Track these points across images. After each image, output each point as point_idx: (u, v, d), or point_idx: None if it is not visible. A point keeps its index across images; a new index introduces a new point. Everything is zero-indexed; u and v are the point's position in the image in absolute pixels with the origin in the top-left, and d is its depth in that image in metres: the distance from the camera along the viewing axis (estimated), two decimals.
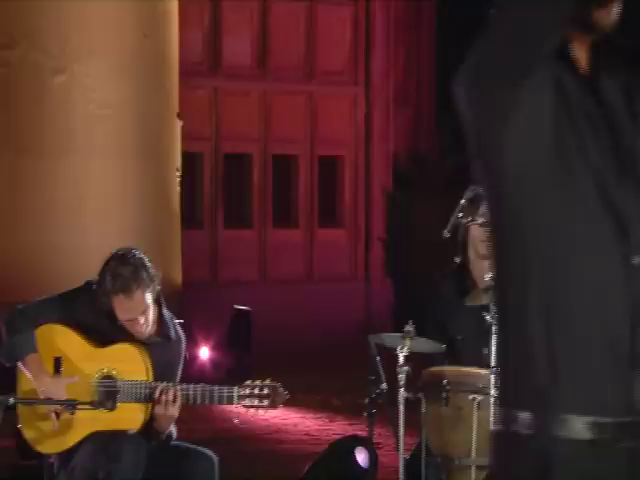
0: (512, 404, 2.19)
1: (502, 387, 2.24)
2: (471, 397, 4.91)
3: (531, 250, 2.15)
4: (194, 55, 14.37)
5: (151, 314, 4.62)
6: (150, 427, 4.64)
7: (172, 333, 4.78)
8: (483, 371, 4.89)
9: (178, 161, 12.79)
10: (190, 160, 13.84)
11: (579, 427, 2.13)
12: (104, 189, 11.69)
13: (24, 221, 11.19)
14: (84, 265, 11.39)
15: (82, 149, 11.41)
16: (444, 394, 5.05)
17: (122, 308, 4.56)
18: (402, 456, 5.23)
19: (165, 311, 4.77)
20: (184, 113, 12.83)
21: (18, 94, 11.39)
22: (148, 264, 4.62)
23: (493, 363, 4.63)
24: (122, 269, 4.52)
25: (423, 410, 5.13)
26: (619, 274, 2.15)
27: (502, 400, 2.23)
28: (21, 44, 11.41)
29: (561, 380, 2.14)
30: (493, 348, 4.59)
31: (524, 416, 2.16)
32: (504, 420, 2.21)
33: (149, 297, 4.59)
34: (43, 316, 4.68)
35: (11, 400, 4.08)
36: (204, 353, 11.37)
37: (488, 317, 4.65)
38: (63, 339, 4.71)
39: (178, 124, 12.76)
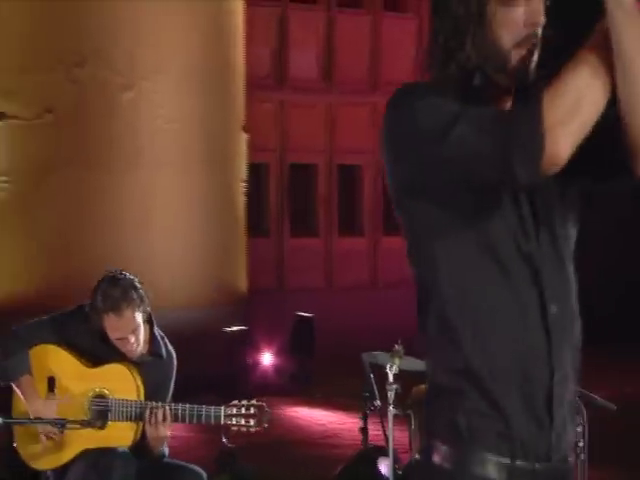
0: (434, 435, 2.20)
1: (427, 418, 2.25)
2: None
3: (447, 296, 2.15)
4: (261, 69, 14.66)
5: (142, 333, 4.69)
6: (142, 445, 4.69)
7: (163, 351, 4.83)
8: None
9: (243, 172, 13.07)
10: (257, 171, 14.14)
11: (495, 468, 2.14)
12: (171, 202, 12.03)
13: (93, 234, 11.54)
14: (152, 275, 11.79)
15: (149, 163, 11.75)
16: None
17: (113, 327, 4.63)
18: (392, 469, 5.27)
19: (156, 330, 4.84)
20: (251, 126, 13.14)
21: (87, 111, 11.76)
22: (138, 285, 4.71)
23: None
24: (112, 289, 4.61)
25: (412, 427, 5.18)
26: (536, 323, 2.14)
27: (426, 430, 2.24)
28: (91, 62, 11.80)
29: (481, 421, 2.14)
30: None
31: (444, 449, 2.17)
32: (426, 450, 2.22)
33: (139, 316, 4.66)
34: (37, 337, 4.75)
35: (0, 420, 4.10)
36: (267, 359, 11.60)
37: None
38: (57, 360, 4.76)
39: (244, 136, 13.10)
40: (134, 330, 4.63)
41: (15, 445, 4.76)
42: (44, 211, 11.43)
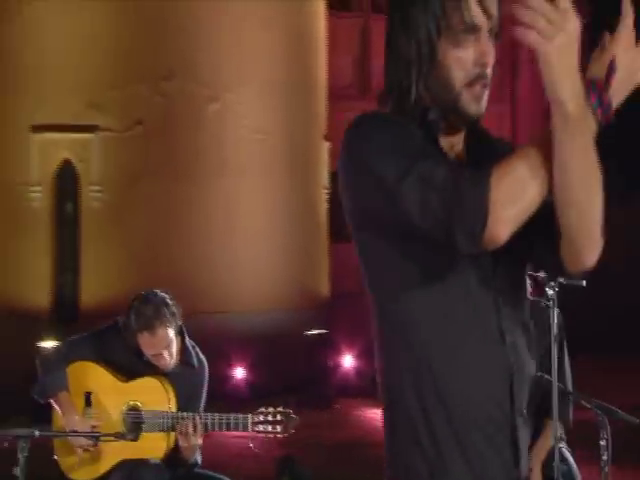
0: (401, 475, 2.20)
1: (389, 457, 2.23)
2: None
3: (408, 330, 2.13)
4: (344, 79, 14.98)
5: (174, 347, 4.82)
6: (176, 455, 4.80)
7: (194, 361, 4.95)
8: None
9: (325, 179, 13.40)
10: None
11: None
12: (255, 210, 12.39)
13: (179, 242, 11.97)
14: (237, 281, 12.28)
15: (233, 173, 12.12)
16: None
17: (147, 344, 4.77)
18: None
19: (187, 340, 4.97)
20: (335, 135, 13.49)
21: (175, 122, 12.19)
22: (170, 301, 4.84)
23: None
24: (145, 308, 4.73)
25: None
26: (496, 356, 2.12)
27: (391, 471, 2.23)
28: (178, 76, 12.24)
29: (443, 458, 2.12)
30: None
31: None
32: None
33: (171, 332, 4.79)
34: (75, 354, 4.91)
35: (36, 433, 4.21)
36: (348, 361, 11.87)
37: None
38: (93, 375, 4.91)
39: (325, 145, 13.42)
40: (167, 346, 4.78)
41: (55, 457, 4.94)
42: (134, 220, 11.89)
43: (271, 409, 4.69)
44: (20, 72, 12.19)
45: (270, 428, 4.67)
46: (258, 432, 4.67)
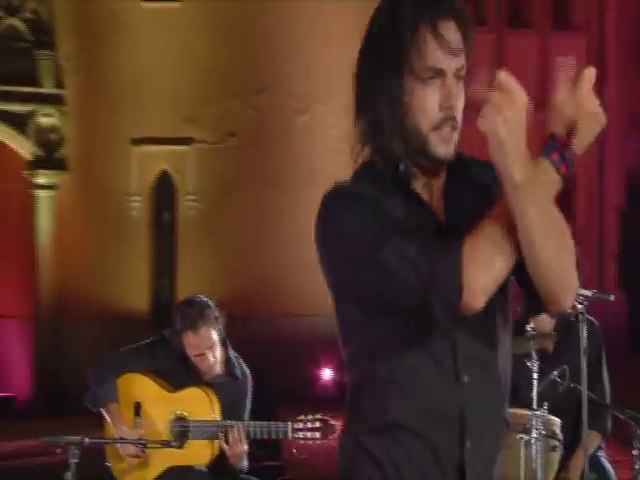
0: None
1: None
2: (518, 437, 5.10)
3: (367, 365, 2.19)
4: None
5: (218, 352, 5.02)
6: (222, 462, 4.99)
7: (238, 372, 5.14)
8: (528, 413, 5.05)
9: None
10: None
11: None
12: None
13: (270, 246, 12.59)
14: (324, 285, 12.69)
15: (322, 181, 12.34)
16: None
17: (191, 344, 4.95)
18: None
19: (231, 352, 5.16)
20: None
21: (266, 133, 12.80)
22: (212, 305, 5.05)
23: (535, 406, 4.95)
24: (189, 309, 4.93)
25: None
26: (450, 394, 2.16)
27: None
28: (270, 89, 12.88)
29: None
30: (534, 392, 4.93)
31: None
32: None
33: (215, 334, 4.99)
34: (125, 365, 5.12)
35: (86, 440, 4.41)
36: None
37: (529, 364, 4.97)
38: (141, 386, 5.11)
39: None
40: (211, 347, 4.96)
41: (108, 464, 5.17)
42: (227, 228, 12.55)
43: (310, 416, 4.86)
44: (121, 88, 13.01)
45: (309, 435, 4.83)
46: (298, 439, 4.82)
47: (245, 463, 5.06)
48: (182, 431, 4.99)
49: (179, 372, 5.04)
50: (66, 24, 13.47)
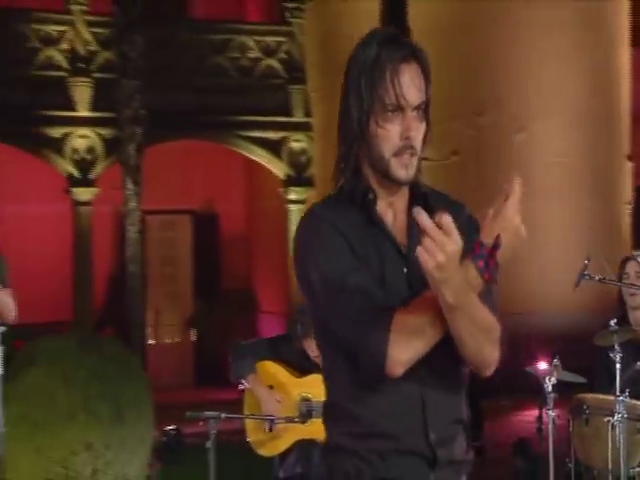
0: None
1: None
2: (606, 419, 5.30)
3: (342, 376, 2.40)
4: None
5: None
6: None
7: None
8: (613, 398, 5.30)
9: (628, 196, 14.36)
10: None
11: None
12: (559, 225, 13.63)
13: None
14: (544, 286, 13.27)
15: (540, 193, 13.17)
16: (584, 416, 5.57)
17: (310, 347, 5.37)
18: (551, 462, 5.74)
19: None
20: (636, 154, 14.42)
21: (486, 152, 13.71)
22: None
23: (618, 393, 5.27)
24: (305, 318, 5.23)
25: (570, 429, 5.69)
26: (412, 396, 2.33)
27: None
28: (490, 110, 13.79)
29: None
30: (618, 380, 5.25)
31: None
32: None
33: None
34: (259, 352, 5.59)
35: (222, 415, 4.83)
36: None
37: (611, 355, 5.28)
38: (274, 372, 5.58)
39: (628, 165, 14.45)
40: None
41: (248, 439, 5.64)
42: None
43: None
44: None
45: None
46: None
47: None
48: (307, 410, 5.49)
49: (302, 363, 5.52)
50: (314, 61, 14.71)
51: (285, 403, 5.51)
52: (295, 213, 14.59)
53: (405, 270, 2.37)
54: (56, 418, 6.91)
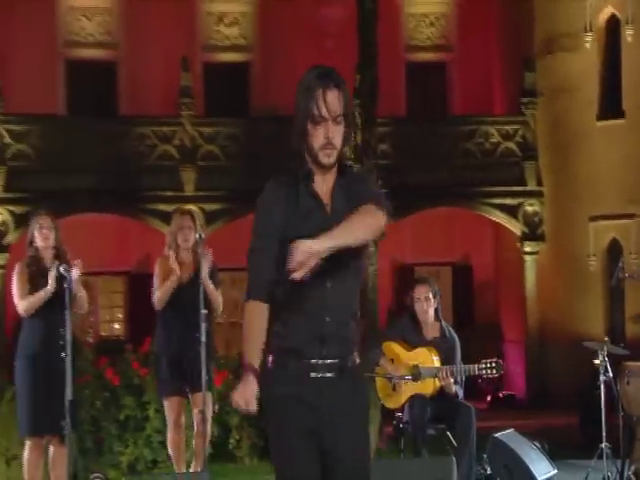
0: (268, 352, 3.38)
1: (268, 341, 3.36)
2: None
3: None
4: None
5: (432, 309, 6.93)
6: (442, 391, 6.71)
7: (447, 333, 6.88)
8: None
9: None
10: None
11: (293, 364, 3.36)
12: None
13: None
14: None
15: None
16: (626, 379, 6.75)
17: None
18: (603, 417, 6.71)
19: (443, 322, 6.94)
20: None
21: None
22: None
23: None
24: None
25: (618, 387, 6.80)
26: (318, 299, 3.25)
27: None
28: None
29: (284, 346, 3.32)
30: None
31: (271, 358, 3.38)
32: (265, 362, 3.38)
33: (431, 296, 6.91)
34: (388, 337, 7.03)
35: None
36: None
37: None
38: (393, 349, 6.92)
39: None
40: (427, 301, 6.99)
41: (379, 396, 6.96)
42: None
43: (486, 360, 6.63)
44: (581, 184, 16.33)
45: (488, 372, 6.55)
46: (481, 375, 6.58)
47: (460, 391, 6.85)
48: (418, 372, 6.79)
49: (414, 337, 7.02)
50: (544, 142, 17.33)
51: (402, 370, 6.93)
52: (530, 262, 17.26)
53: (328, 219, 3.29)
54: None
